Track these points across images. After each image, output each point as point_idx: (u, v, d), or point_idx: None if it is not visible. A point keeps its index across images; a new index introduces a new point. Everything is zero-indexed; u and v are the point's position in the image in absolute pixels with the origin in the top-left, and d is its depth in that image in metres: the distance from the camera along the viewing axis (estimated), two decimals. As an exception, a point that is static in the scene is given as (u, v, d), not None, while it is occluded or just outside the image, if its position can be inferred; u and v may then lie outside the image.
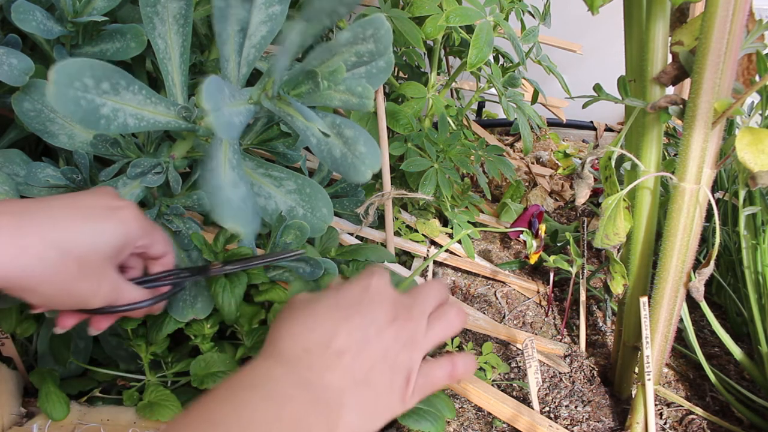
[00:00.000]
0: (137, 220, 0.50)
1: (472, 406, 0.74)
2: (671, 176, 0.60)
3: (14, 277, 0.42)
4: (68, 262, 0.44)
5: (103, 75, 0.50)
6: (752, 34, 0.58)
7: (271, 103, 0.54)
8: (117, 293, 0.49)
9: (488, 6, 0.90)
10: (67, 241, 0.44)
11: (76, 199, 0.48)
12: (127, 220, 0.49)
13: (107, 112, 0.51)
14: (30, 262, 0.42)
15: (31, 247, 0.42)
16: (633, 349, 0.72)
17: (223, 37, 0.55)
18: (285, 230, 0.65)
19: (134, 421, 0.62)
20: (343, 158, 0.61)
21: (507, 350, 0.84)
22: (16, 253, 0.42)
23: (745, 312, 0.81)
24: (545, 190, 1.27)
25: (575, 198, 0.67)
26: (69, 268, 0.44)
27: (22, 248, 0.42)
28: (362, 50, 0.57)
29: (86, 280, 0.46)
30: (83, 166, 0.60)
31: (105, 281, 0.47)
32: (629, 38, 0.63)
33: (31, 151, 0.70)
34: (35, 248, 0.42)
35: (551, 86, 1.22)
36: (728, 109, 0.55)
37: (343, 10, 0.55)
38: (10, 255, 0.41)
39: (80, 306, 0.47)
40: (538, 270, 1.03)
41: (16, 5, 0.55)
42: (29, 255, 0.42)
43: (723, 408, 0.76)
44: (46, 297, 0.45)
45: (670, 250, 0.62)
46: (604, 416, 0.74)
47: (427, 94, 1.01)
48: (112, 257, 0.48)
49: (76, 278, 0.45)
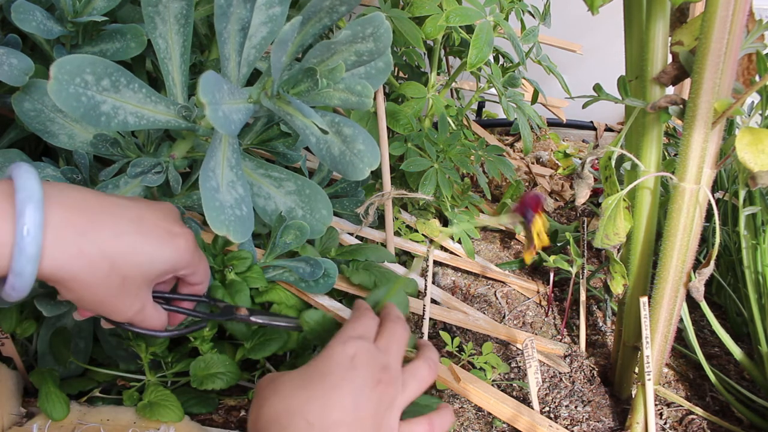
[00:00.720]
0: (190, 250, 0.50)
1: (472, 406, 0.74)
2: (671, 176, 0.60)
3: (61, 276, 0.42)
4: (114, 277, 0.45)
5: (103, 72, 0.50)
6: (752, 34, 0.58)
7: (271, 102, 0.54)
8: (142, 316, 0.49)
9: (488, 6, 0.90)
10: (121, 257, 0.45)
11: (144, 214, 0.48)
12: (181, 249, 0.49)
13: (107, 109, 0.51)
14: (81, 267, 0.42)
15: (87, 253, 0.43)
16: (633, 349, 0.72)
17: (224, 37, 0.55)
18: (285, 230, 0.65)
19: (134, 421, 0.62)
20: (342, 156, 0.61)
21: (507, 350, 0.84)
22: (73, 255, 0.42)
23: (745, 312, 0.81)
24: (545, 190, 1.27)
25: (575, 198, 0.67)
26: (113, 282, 0.45)
27: (79, 251, 0.42)
28: (362, 49, 0.57)
29: (123, 297, 0.46)
30: (83, 165, 0.60)
31: (137, 302, 0.48)
32: (629, 38, 0.63)
33: (31, 151, 0.70)
34: (91, 255, 0.43)
35: (551, 86, 1.22)
36: (728, 109, 0.55)
37: (343, 9, 0.55)
38: (66, 255, 0.42)
39: (104, 315, 0.48)
40: (538, 270, 1.03)
41: (16, 5, 0.55)
42: (83, 260, 0.42)
43: (723, 408, 0.76)
44: (79, 299, 0.45)
45: (670, 250, 0.62)
46: (604, 416, 0.74)
47: (427, 94, 1.01)
48: (154, 280, 0.48)
49: (115, 293, 0.45)
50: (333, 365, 0.45)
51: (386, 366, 0.47)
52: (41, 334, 0.66)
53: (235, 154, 0.58)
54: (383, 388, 0.45)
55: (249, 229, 0.56)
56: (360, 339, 0.47)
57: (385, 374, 0.46)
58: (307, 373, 0.45)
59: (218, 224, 0.53)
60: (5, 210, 0.40)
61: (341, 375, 0.44)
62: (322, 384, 0.44)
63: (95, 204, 0.45)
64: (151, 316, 0.50)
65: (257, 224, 0.66)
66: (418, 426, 0.48)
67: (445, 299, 0.87)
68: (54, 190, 0.43)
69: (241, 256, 0.64)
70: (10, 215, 0.40)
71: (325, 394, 0.43)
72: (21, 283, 0.40)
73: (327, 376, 0.44)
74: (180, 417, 0.62)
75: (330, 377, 0.44)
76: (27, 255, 0.39)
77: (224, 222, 0.53)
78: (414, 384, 0.49)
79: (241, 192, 0.57)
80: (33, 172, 0.42)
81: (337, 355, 0.46)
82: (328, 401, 0.43)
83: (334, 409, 0.43)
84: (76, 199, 0.44)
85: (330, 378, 0.44)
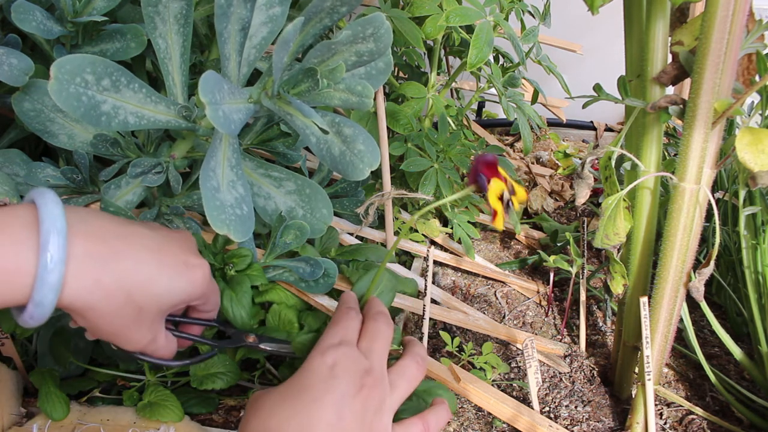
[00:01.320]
0: (205, 283, 0.50)
1: (472, 406, 0.74)
2: (671, 176, 0.60)
3: (79, 306, 0.42)
4: (130, 308, 0.44)
5: (104, 72, 0.50)
6: (752, 34, 0.58)
7: (271, 102, 0.54)
8: (154, 346, 0.49)
9: (488, 6, 0.90)
10: (138, 289, 0.44)
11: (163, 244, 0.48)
12: (197, 282, 0.49)
13: (108, 109, 0.51)
14: (99, 298, 0.42)
15: (106, 284, 0.43)
16: (633, 349, 0.72)
17: (224, 36, 0.55)
18: (285, 230, 0.65)
19: (134, 421, 0.62)
20: (342, 156, 0.61)
21: (507, 350, 0.84)
22: (92, 285, 0.42)
23: (745, 312, 0.81)
24: (545, 190, 1.27)
25: (575, 198, 0.67)
26: (129, 313, 0.45)
27: (98, 282, 0.42)
28: (362, 49, 0.57)
29: (137, 328, 0.46)
30: (83, 166, 0.60)
31: (150, 333, 0.48)
32: (629, 38, 0.63)
33: (31, 151, 0.70)
34: (109, 286, 0.43)
35: (551, 86, 1.22)
36: (728, 109, 0.55)
37: (343, 10, 0.55)
38: (85, 285, 0.42)
39: (118, 344, 0.48)
40: (538, 270, 1.03)
41: (16, 5, 0.55)
42: (101, 291, 0.42)
43: (723, 408, 0.76)
44: (94, 328, 0.45)
45: (670, 250, 0.62)
46: (604, 416, 0.74)
47: (427, 94, 1.01)
48: (168, 310, 0.48)
49: (130, 324, 0.45)
50: (313, 378, 0.44)
51: (369, 369, 0.46)
52: (41, 334, 0.66)
53: (235, 154, 0.58)
54: (367, 392, 0.44)
55: (249, 229, 0.56)
56: (340, 345, 0.46)
57: (368, 378, 0.45)
58: (288, 389, 0.44)
59: (219, 223, 0.53)
60: (29, 238, 0.40)
61: (321, 387, 0.43)
62: (302, 399, 0.43)
63: (116, 233, 0.45)
64: (163, 347, 0.50)
65: (257, 224, 0.66)
66: (412, 427, 0.47)
67: (445, 299, 0.87)
68: (75, 218, 0.43)
69: (241, 254, 0.64)
70: (34, 244, 0.40)
71: (305, 409, 0.42)
72: (40, 312, 0.40)
73: (307, 390, 0.43)
74: (180, 417, 0.62)
75: (310, 391, 0.43)
76: (49, 285, 0.39)
77: (225, 221, 0.53)
78: (403, 383, 0.48)
79: (241, 191, 0.57)
80: (57, 200, 0.41)
81: (317, 367, 0.45)
82: (309, 416, 0.42)
83: (316, 424, 0.42)
84: (96, 228, 0.44)
85: (310, 392, 0.43)
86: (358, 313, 0.52)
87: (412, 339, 0.55)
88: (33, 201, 0.42)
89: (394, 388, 0.47)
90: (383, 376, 0.47)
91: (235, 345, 0.58)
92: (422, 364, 0.50)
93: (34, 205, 0.41)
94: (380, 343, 0.49)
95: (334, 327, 0.49)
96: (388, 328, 0.51)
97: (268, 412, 0.43)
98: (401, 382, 0.48)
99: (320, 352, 0.46)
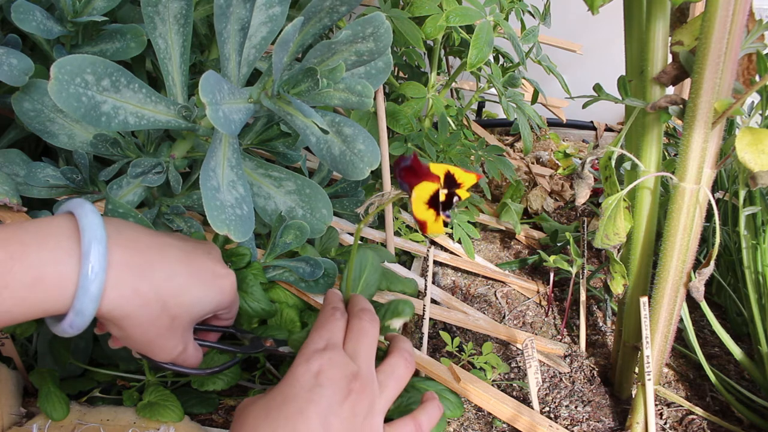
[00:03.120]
0: (233, 292, 0.51)
1: (472, 406, 0.74)
2: (671, 176, 0.60)
3: (117, 315, 0.42)
4: (165, 317, 0.45)
5: (103, 72, 0.50)
6: (752, 34, 0.58)
7: (271, 102, 0.54)
8: (185, 356, 0.50)
9: (488, 6, 0.90)
10: (172, 298, 0.45)
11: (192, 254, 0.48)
12: (225, 291, 0.50)
13: (108, 109, 0.51)
14: (135, 307, 0.43)
15: (143, 294, 0.43)
16: (633, 349, 0.72)
17: (224, 36, 0.55)
18: (285, 230, 0.65)
19: (134, 421, 0.62)
20: (342, 156, 0.61)
21: (507, 350, 0.84)
22: (129, 295, 0.42)
23: (745, 312, 0.81)
24: (545, 190, 1.27)
25: (575, 198, 0.67)
26: (163, 323, 0.45)
27: (135, 291, 0.43)
28: (362, 49, 0.57)
29: (170, 337, 0.47)
30: (83, 166, 0.60)
31: (182, 343, 0.48)
32: (629, 38, 0.63)
33: (31, 151, 0.70)
34: (145, 296, 0.43)
35: (551, 86, 1.22)
36: (728, 109, 0.55)
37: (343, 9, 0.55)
38: (123, 295, 0.42)
39: (150, 355, 0.48)
40: (538, 270, 1.03)
41: (16, 5, 0.55)
42: (138, 300, 0.43)
43: (723, 408, 0.76)
44: (129, 337, 0.45)
45: (670, 250, 0.62)
46: (604, 416, 0.74)
47: (427, 94, 1.01)
48: (197, 320, 0.49)
49: (164, 333, 0.46)
50: (297, 387, 0.42)
51: (356, 374, 0.44)
52: (41, 334, 0.66)
53: (235, 154, 0.58)
54: (355, 397, 0.43)
55: (249, 228, 0.56)
56: (325, 351, 0.45)
57: (356, 383, 0.43)
58: (273, 400, 0.43)
59: (219, 223, 0.53)
60: (71, 248, 0.40)
61: (306, 397, 0.42)
62: (286, 411, 0.41)
63: (148, 243, 0.45)
64: (191, 356, 0.50)
65: (257, 224, 0.66)
66: (403, 427, 0.46)
67: (445, 299, 0.87)
68: (112, 229, 0.43)
69: (240, 252, 0.64)
70: (76, 254, 0.40)
71: (289, 422, 0.41)
72: (80, 321, 0.41)
73: (291, 401, 0.42)
74: (180, 417, 0.62)
75: (294, 401, 0.42)
76: (90, 294, 0.40)
77: (225, 221, 0.53)
78: (392, 383, 0.47)
79: (241, 191, 0.57)
80: (96, 210, 0.42)
81: (301, 375, 0.43)
82: (293, 429, 0.40)
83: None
84: (131, 239, 0.44)
85: (294, 402, 0.42)
86: (343, 313, 0.50)
87: (395, 335, 0.53)
88: (70, 211, 0.42)
89: (383, 388, 0.46)
90: (372, 379, 0.45)
91: (256, 350, 0.58)
92: (410, 360, 0.49)
93: (72, 215, 0.42)
94: (366, 342, 0.47)
95: (319, 330, 0.47)
96: (373, 326, 0.49)
97: (252, 424, 0.42)
98: (390, 381, 0.47)
99: (305, 359, 0.44)
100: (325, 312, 0.50)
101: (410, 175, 0.40)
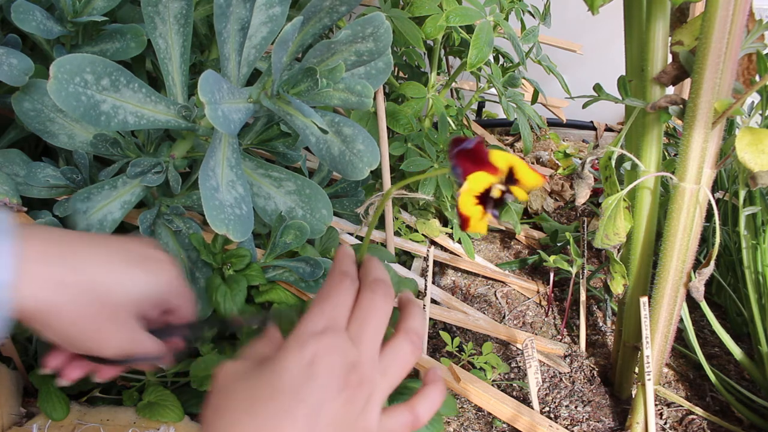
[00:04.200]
0: (173, 276, 0.48)
1: (472, 406, 0.74)
2: (671, 176, 0.60)
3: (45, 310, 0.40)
4: (100, 306, 0.42)
5: (103, 71, 0.50)
6: (752, 34, 0.58)
7: (271, 102, 0.54)
8: (133, 344, 0.46)
9: (488, 6, 0.90)
10: (104, 286, 0.43)
11: (126, 243, 0.46)
12: (164, 273, 0.47)
13: (107, 108, 0.51)
14: (64, 299, 0.40)
15: (69, 284, 0.41)
16: (633, 349, 0.72)
17: (224, 36, 0.55)
18: (285, 230, 0.65)
19: (134, 421, 0.62)
20: (342, 156, 0.61)
21: (507, 350, 0.84)
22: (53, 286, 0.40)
23: (745, 312, 0.81)
24: (545, 190, 1.27)
25: (575, 198, 0.67)
26: (100, 313, 0.43)
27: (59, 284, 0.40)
28: (362, 49, 0.57)
29: (113, 329, 0.44)
30: (83, 165, 0.60)
31: (124, 329, 0.45)
32: (629, 38, 0.63)
33: (31, 151, 0.70)
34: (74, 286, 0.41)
35: (551, 86, 1.22)
36: (728, 109, 0.55)
37: (343, 9, 0.55)
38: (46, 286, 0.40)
39: (93, 351, 0.45)
40: (538, 270, 1.03)
41: (16, 5, 0.55)
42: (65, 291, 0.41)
43: (723, 408, 0.76)
44: (66, 336, 0.43)
45: (670, 250, 0.62)
46: (604, 416, 0.74)
47: (427, 94, 1.01)
48: (137, 305, 0.46)
49: (103, 326, 0.43)
50: (286, 379, 0.36)
51: (356, 363, 0.38)
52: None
53: (235, 154, 0.58)
54: (351, 392, 0.37)
55: (249, 228, 0.56)
56: (323, 334, 0.38)
57: (354, 375, 0.37)
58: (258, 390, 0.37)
59: (218, 223, 0.53)
60: None
61: (295, 392, 0.36)
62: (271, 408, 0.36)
63: (70, 235, 0.44)
64: (143, 342, 0.47)
65: (257, 224, 0.66)
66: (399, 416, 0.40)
67: (445, 299, 0.87)
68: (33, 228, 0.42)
69: (240, 254, 0.64)
70: None
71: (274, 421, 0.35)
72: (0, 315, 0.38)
73: (278, 396, 0.36)
74: (180, 417, 0.62)
75: (281, 397, 0.36)
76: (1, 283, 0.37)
77: (224, 221, 0.53)
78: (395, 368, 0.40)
79: (240, 191, 0.57)
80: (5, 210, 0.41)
81: (292, 364, 0.37)
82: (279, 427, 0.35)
83: None
84: (48, 231, 0.43)
85: (281, 399, 0.36)
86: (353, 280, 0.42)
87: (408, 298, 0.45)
88: None
89: (384, 375, 0.39)
90: (373, 368, 0.39)
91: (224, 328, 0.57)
92: (418, 343, 0.41)
93: None
94: (373, 324, 0.40)
95: (322, 304, 0.40)
96: (386, 302, 0.40)
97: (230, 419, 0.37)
98: (393, 366, 0.40)
99: (299, 344, 0.37)
100: (333, 278, 0.42)
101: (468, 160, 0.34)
